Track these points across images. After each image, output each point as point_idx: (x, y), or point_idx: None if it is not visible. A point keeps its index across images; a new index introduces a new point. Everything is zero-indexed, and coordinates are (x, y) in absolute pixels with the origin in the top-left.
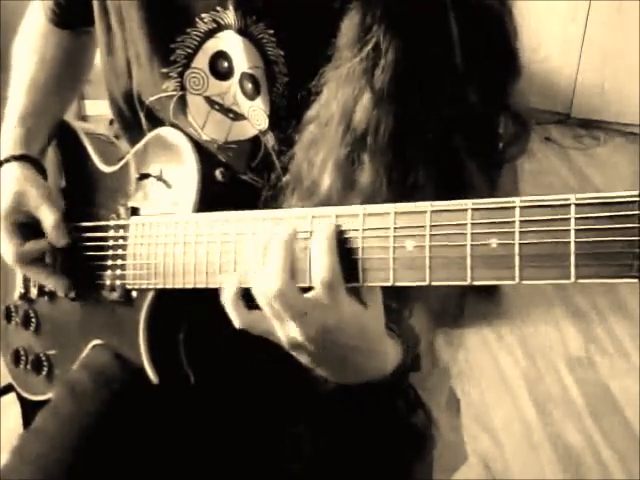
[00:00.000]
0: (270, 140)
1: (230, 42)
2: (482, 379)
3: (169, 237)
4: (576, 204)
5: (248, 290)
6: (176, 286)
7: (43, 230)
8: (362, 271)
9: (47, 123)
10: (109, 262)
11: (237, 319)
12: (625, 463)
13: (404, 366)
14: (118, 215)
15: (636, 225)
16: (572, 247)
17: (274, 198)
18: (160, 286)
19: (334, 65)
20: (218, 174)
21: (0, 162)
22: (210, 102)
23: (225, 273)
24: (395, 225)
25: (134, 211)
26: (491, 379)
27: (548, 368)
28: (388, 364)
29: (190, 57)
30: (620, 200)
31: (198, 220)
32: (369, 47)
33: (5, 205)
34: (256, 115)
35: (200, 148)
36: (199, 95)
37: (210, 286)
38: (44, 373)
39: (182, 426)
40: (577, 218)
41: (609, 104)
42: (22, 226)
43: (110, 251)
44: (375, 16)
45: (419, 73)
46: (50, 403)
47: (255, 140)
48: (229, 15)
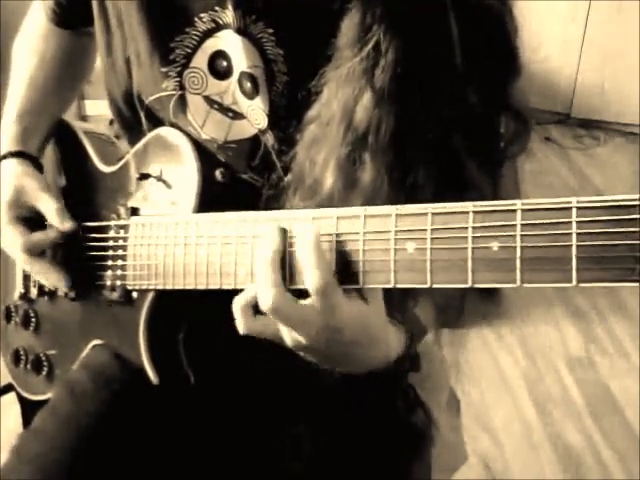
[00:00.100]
0: (270, 139)
1: (229, 41)
2: (482, 379)
3: (169, 238)
4: (577, 207)
5: None
6: (176, 287)
7: (46, 219)
8: (363, 273)
9: (45, 122)
10: (109, 262)
11: (242, 325)
12: (625, 463)
13: (408, 354)
14: (118, 215)
15: (637, 229)
16: (573, 250)
17: (276, 197)
18: (160, 287)
19: (334, 65)
20: (218, 174)
21: None
22: (209, 101)
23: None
24: (396, 227)
25: (134, 211)
26: (491, 379)
27: (548, 368)
28: (391, 352)
29: (189, 56)
30: (621, 204)
31: (198, 221)
32: (369, 47)
33: (6, 200)
34: (255, 114)
35: (200, 148)
36: (198, 94)
37: (210, 287)
38: (44, 373)
39: (182, 426)
40: (578, 221)
41: (609, 104)
42: (25, 220)
43: (110, 251)
44: (375, 15)
45: (419, 73)
46: (49, 403)
47: (255, 139)
48: (228, 15)
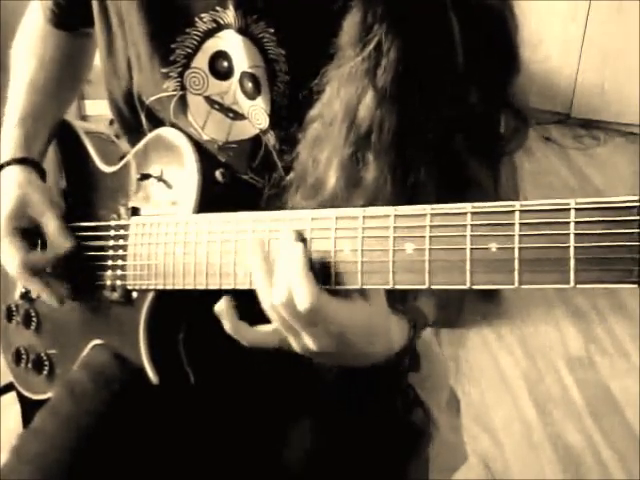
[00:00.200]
0: (271, 139)
1: (230, 42)
2: (482, 379)
3: (169, 238)
4: (576, 209)
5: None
6: (176, 287)
7: (46, 235)
8: (361, 273)
9: (47, 124)
10: (109, 262)
11: (244, 340)
12: (625, 463)
13: (411, 346)
14: (119, 215)
15: (636, 230)
16: (572, 252)
17: (278, 197)
18: (160, 287)
19: (336, 64)
20: (218, 175)
21: (1, 165)
22: (210, 102)
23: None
24: (395, 228)
25: (134, 211)
26: (491, 379)
27: (548, 368)
28: (394, 343)
29: (190, 57)
30: (620, 205)
31: (198, 221)
32: (371, 46)
33: (8, 209)
34: (256, 114)
35: (200, 148)
36: (199, 95)
37: (210, 287)
38: (45, 372)
39: (182, 426)
40: (577, 222)
41: (609, 104)
42: (24, 231)
43: (110, 251)
44: (376, 15)
45: (421, 72)
46: (49, 403)
47: (256, 139)
48: (229, 15)
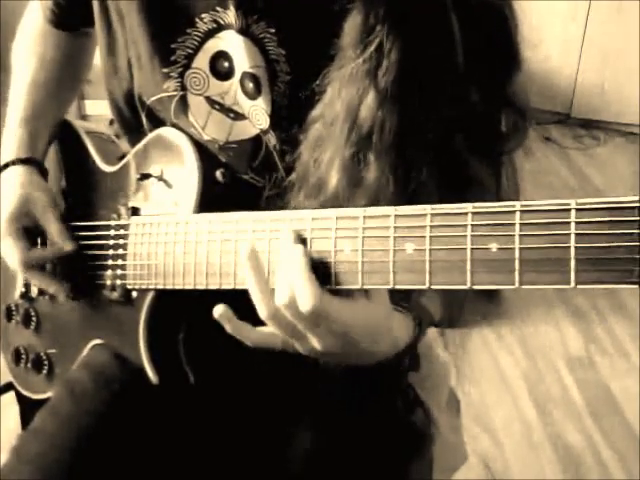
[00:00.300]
0: (271, 139)
1: (231, 42)
2: (482, 379)
3: (169, 237)
4: (576, 209)
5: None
6: (176, 287)
7: (48, 236)
8: (361, 273)
9: (48, 124)
10: (109, 262)
11: (248, 341)
12: (625, 463)
13: (416, 342)
14: (119, 215)
15: (636, 231)
16: (572, 252)
17: (279, 197)
18: (160, 286)
19: (337, 65)
20: (219, 175)
21: (6, 164)
22: (211, 102)
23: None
24: (395, 228)
25: (135, 211)
26: (491, 379)
27: (548, 368)
28: (399, 341)
29: (190, 57)
30: (621, 205)
31: (198, 220)
32: (372, 47)
33: (11, 208)
34: (257, 114)
35: (201, 148)
36: (200, 95)
37: (210, 287)
38: (44, 372)
39: (182, 426)
40: (577, 223)
41: (609, 104)
42: (26, 230)
43: (111, 251)
44: (378, 16)
45: (422, 73)
46: (49, 403)
47: (256, 140)
48: (229, 15)
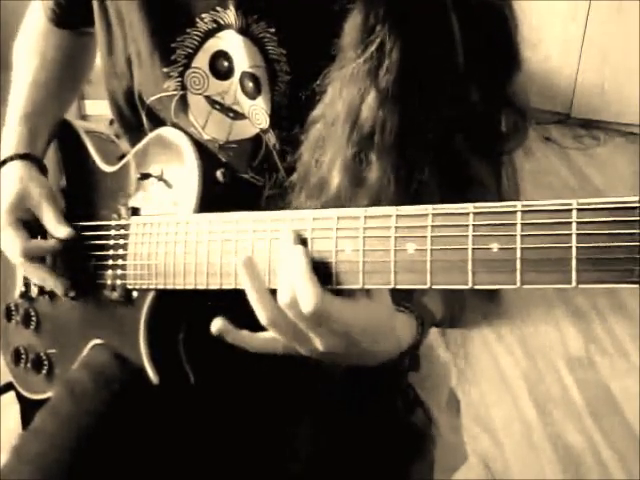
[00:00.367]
0: (271, 139)
1: (231, 42)
2: (482, 379)
3: (170, 237)
4: (578, 209)
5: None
6: (176, 287)
7: (45, 226)
8: (362, 273)
9: (48, 123)
10: (110, 262)
11: (249, 347)
12: (625, 463)
13: (419, 342)
14: (119, 215)
15: (637, 230)
16: (573, 252)
17: (281, 197)
18: (161, 286)
19: (338, 65)
20: (219, 174)
21: (4, 160)
22: (211, 102)
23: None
24: (396, 228)
25: (135, 211)
26: (491, 379)
27: (548, 368)
28: (402, 342)
29: (190, 57)
30: (621, 205)
31: (199, 220)
32: (373, 47)
33: (8, 202)
34: (257, 114)
35: (201, 148)
36: (200, 95)
37: (211, 287)
38: (44, 372)
39: (182, 426)
40: (579, 223)
41: (609, 104)
42: (26, 223)
43: (111, 251)
44: (378, 16)
45: (423, 73)
46: (49, 403)
47: (256, 139)
48: (229, 15)
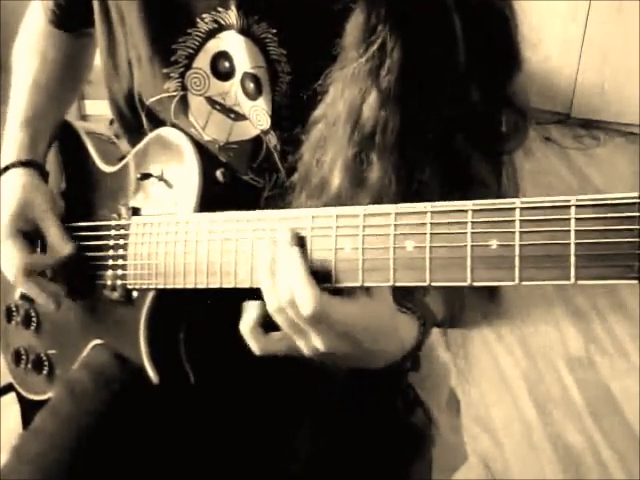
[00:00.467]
0: (272, 140)
1: (232, 42)
2: (482, 379)
3: (170, 237)
4: (576, 205)
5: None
6: (177, 286)
7: (47, 240)
8: (362, 271)
9: (49, 126)
10: (110, 262)
11: (256, 347)
12: (625, 463)
13: (422, 343)
14: (119, 215)
15: (636, 227)
16: (572, 248)
17: (281, 198)
18: (161, 286)
19: (340, 65)
20: (219, 174)
21: (7, 167)
22: (211, 102)
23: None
24: (395, 226)
25: (135, 211)
26: (491, 379)
27: (548, 368)
28: (406, 343)
29: (191, 57)
30: (620, 202)
31: (199, 220)
32: (375, 47)
33: (10, 211)
34: (257, 115)
35: (201, 148)
36: (200, 95)
37: (211, 286)
38: (45, 373)
39: (182, 426)
40: (577, 219)
41: (609, 104)
42: (25, 234)
43: (111, 251)
44: (380, 16)
45: (425, 72)
46: (49, 403)
47: (257, 140)
48: (231, 15)
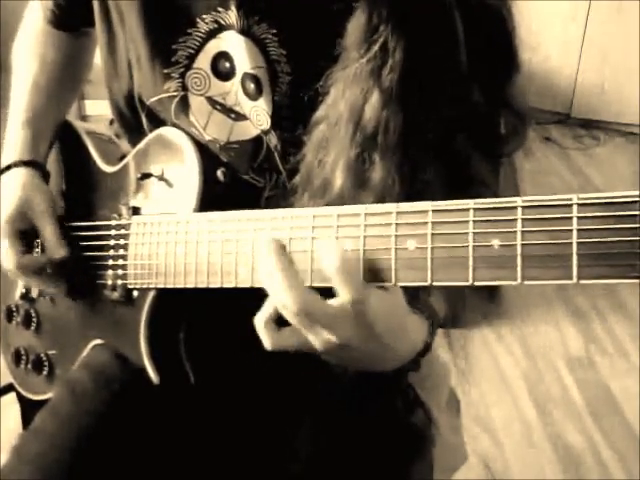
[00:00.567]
0: (272, 140)
1: (232, 42)
2: (482, 379)
3: (170, 237)
4: (578, 204)
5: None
6: (177, 286)
7: (42, 241)
8: (363, 271)
9: (50, 125)
10: (110, 262)
11: (268, 342)
12: (625, 463)
13: (431, 345)
14: (120, 215)
15: (638, 225)
16: (574, 247)
17: (283, 198)
18: (161, 286)
19: (341, 65)
20: (219, 174)
21: (8, 166)
22: (212, 102)
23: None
24: (397, 225)
25: (135, 211)
26: (491, 379)
27: (548, 368)
28: (418, 342)
29: (192, 58)
30: (622, 200)
31: (199, 220)
32: (376, 47)
33: (10, 210)
34: (258, 115)
35: (202, 148)
36: (201, 95)
37: (211, 286)
38: (45, 373)
39: (182, 426)
40: (579, 218)
41: (609, 104)
42: (23, 233)
43: (111, 251)
44: (381, 16)
45: (426, 72)
46: (50, 403)
47: (257, 140)
48: (231, 16)
